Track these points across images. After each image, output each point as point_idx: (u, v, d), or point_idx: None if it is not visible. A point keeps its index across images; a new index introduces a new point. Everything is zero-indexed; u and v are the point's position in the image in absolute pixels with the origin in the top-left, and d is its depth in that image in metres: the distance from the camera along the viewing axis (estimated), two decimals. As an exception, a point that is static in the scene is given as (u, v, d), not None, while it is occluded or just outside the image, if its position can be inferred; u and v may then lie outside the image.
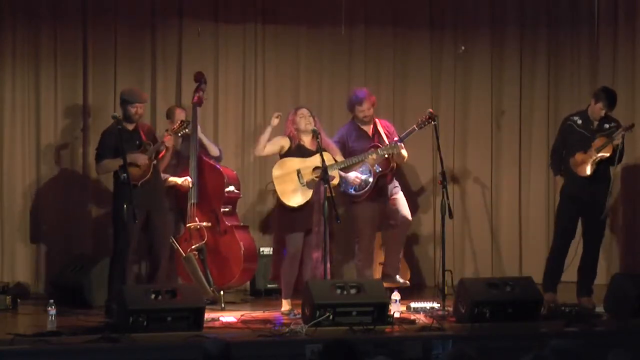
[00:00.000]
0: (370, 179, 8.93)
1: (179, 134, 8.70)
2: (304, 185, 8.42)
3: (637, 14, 10.64)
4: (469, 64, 10.64)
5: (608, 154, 8.72)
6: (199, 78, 9.13)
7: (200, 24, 10.04)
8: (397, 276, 9.04)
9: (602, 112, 8.85)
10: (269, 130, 8.50)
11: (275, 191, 8.57)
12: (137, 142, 8.60)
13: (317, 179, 8.38)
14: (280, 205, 8.47)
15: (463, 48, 10.54)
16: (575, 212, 8.95)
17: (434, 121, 8.77)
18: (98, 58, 9.86)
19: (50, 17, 9.76)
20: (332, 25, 10.23)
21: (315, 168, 8.42)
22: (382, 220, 9.12)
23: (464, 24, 10.65)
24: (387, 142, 8.90)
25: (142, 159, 8.37)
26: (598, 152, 8.74)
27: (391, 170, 9.03)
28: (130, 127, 8.62)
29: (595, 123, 8.89)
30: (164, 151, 8.64)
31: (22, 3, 9.73)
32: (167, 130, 8.71)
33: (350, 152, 8.88)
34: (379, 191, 9.00)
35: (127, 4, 9.95)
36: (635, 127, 9.01)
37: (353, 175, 8.84)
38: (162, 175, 8.85)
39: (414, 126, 8.87)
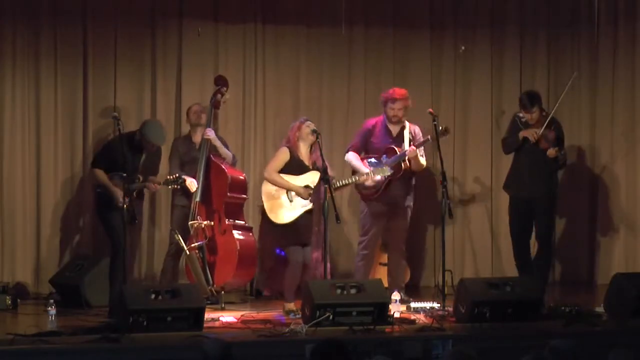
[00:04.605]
0: (384, 175, 8.88)
1: (168, 186, 8.72)
2: (292, 203, 8.41)
3: (637, 14, 10.64)
4: (469, 64, 10.65)
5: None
6: (218, 82, 9.18)
7: (200, 24, 10.04)
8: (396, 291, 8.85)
9: (525, 117, 9.03)
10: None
11: (262, 206, 8.56)
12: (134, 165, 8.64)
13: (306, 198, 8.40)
14: (270, 221, 8.46)
15: (463, 48, 10.55)
16: (525, 211, 9.11)
17: (448, 132, 8.89)
18: (98, 58, 9.86)
19: (50, 17, 9.76)
20: (332, 25, 10.23)
21: (306, 187, 8.41)
22: (390, 222, 9.10)
23: (464, 24, 10.65)
24: (406, 147, 8.89)
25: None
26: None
27: (403, 175, 8.95)
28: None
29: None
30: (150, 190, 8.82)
31: (22, 3, 9.73)
32: (164, 182, 8.69)
33: (370, 147, 8.93)
34: (390, 196, 8.97)
35: (127, 4, 9.95)
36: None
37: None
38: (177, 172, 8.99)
39: (428, 137, 8.87)
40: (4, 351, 6.67)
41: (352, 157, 9.06)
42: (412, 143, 8.98)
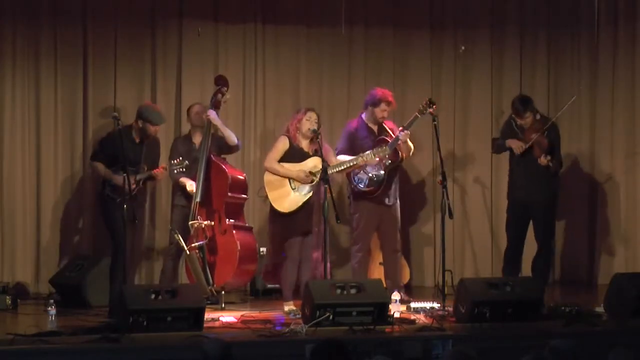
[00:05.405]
0: (382, 172, 8.89)
1: (175, 170, 8.74)
2: (295, 191, 8.41)
3: (637, 14, 10.65)
4: (469, 64, 10.65)
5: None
6: (218, 82, 9.16)
7: (200, 24, 10.05)
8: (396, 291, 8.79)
9: (518, 122, 9.04)
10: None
11: (267, 197, 8.57)
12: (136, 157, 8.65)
13: (309, 184, 8.39)
14: (275, 210, 8.47)
15: (463, 48, 10.55)
16: (522, 214, 9.14)
17: (433, 104, 8.78)
18: (98, 58, 9.86)
19: (50, 17, 9.76)
20: (332, 25, 10.23)
21: (309, 173, 8.40)
22: (381, 223, 9.10)
23: (464, 24, 10.66)
24: (393, 137, 8.92)
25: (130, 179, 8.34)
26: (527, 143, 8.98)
27: (401, 161, 9.00)
28: (138, 139, 8.69)
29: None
30: (158, 178, 8.83)
31: (22, 3, 9.73)
32: (169, 165, 8.75)
33: (358, 148, 8.88)
34: (379, 195, 8.97)
35: (127, 4, 9.96)
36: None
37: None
38: (177, 175, 8.94)
39: (416, 113, 8.85)
40: (4, 351, 6.67)
41: (344, 157, 8.97)
42: (400, 129, 8.93)
